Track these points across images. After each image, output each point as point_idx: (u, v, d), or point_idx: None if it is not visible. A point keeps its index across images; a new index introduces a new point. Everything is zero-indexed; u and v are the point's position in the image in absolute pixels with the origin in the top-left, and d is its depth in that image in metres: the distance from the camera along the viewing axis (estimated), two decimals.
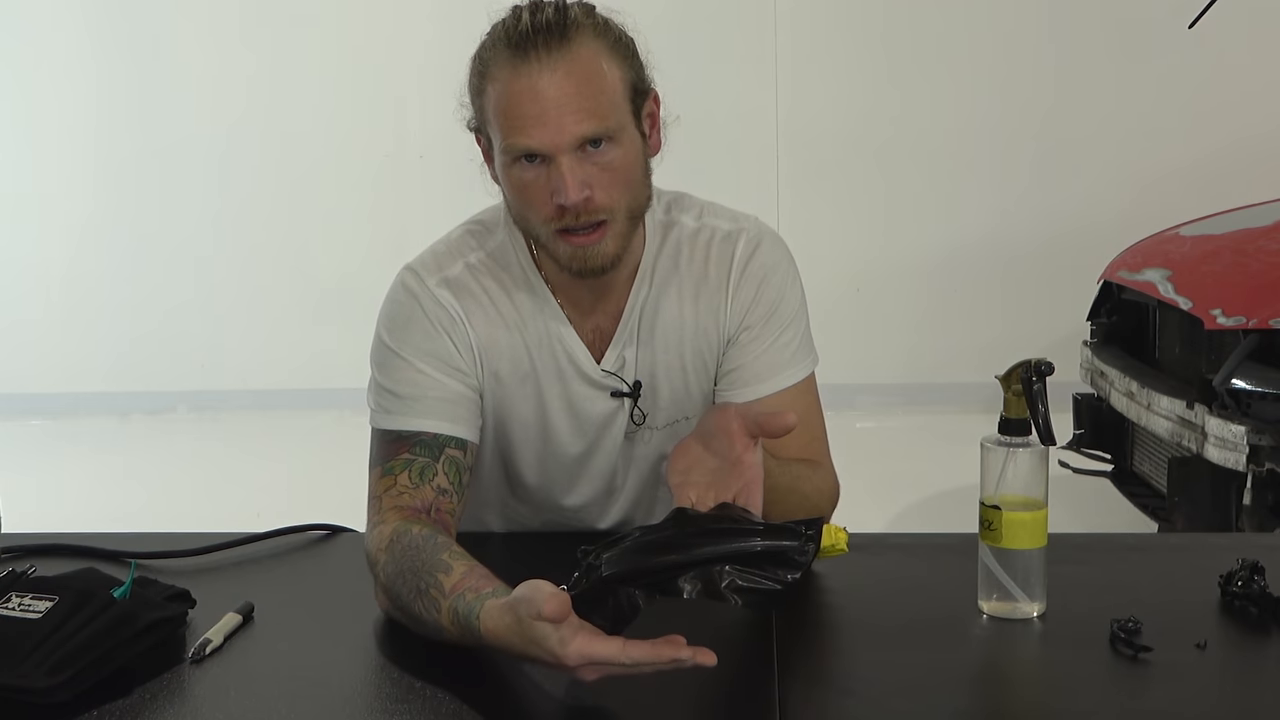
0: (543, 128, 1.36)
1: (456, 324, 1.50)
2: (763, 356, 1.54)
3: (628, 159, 1.41)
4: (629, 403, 1.55)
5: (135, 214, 5.61)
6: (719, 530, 1.16)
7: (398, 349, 1.49)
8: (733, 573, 1.14)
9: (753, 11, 5.30)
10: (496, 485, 1.61)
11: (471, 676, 1.20)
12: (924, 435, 4.97)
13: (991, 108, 5.25)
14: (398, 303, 1.52)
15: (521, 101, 1.36)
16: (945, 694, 1.17)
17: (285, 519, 1.65)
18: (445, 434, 1.45)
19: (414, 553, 1.29)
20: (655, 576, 1.14)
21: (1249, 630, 1.28)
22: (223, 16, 5.46)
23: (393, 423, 1.47)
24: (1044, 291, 5.19)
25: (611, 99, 1.39)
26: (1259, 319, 2.97)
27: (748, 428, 1.26)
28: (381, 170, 5.44)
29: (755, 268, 1.55)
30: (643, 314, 1.54)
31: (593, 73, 1.38)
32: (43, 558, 1.51)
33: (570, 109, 1.36)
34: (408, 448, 1.44)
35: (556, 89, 1.35)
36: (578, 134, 1.36)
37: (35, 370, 5.64)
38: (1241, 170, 4.97)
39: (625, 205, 1.42)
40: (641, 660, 1.08)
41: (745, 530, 1.16)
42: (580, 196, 1.37)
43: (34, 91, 5.57)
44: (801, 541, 1.15)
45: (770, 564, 1.14)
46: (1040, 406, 1.27)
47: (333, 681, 1.22)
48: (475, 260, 1.53)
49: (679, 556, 1.14)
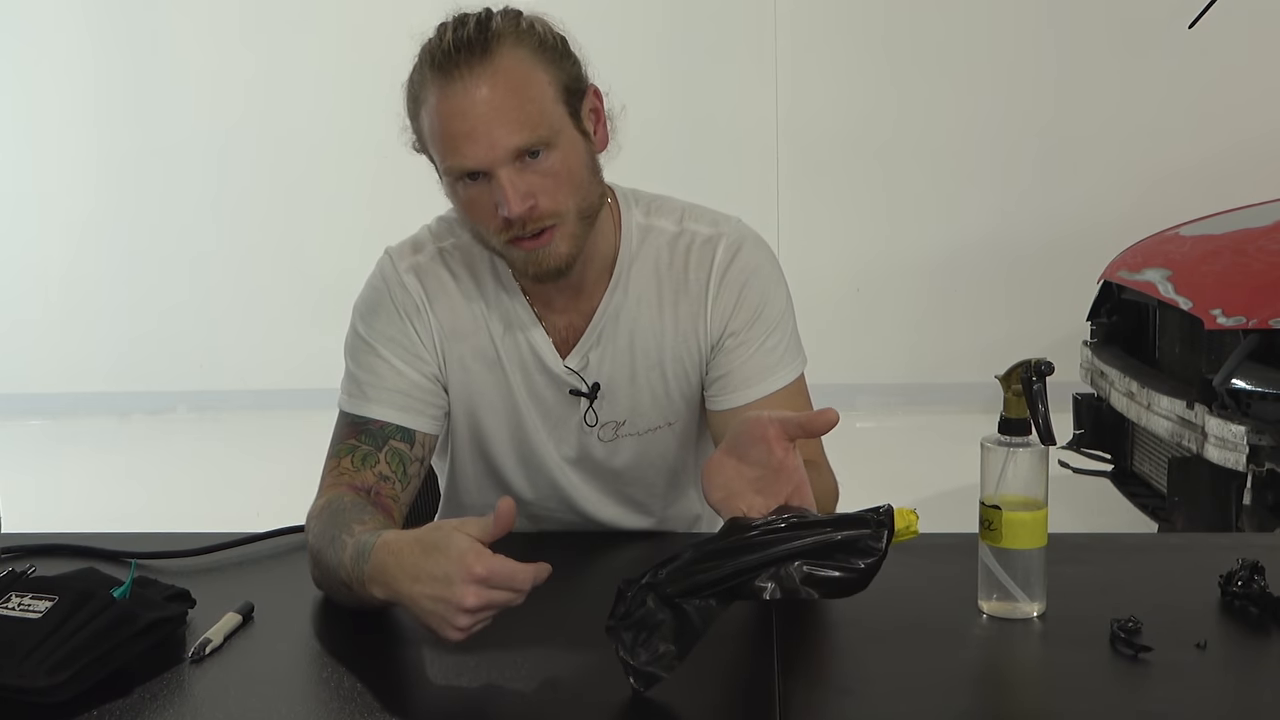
0: (474, 145, 1.36)
1: (420, 311, 1.52)
2: (750, 361, 1.54)
3: (569, 162, 1.41)
4: (584, 402, 1.56)
5: (135, 214, 5.61)
6: (790, 526, 1.14)
7: (363, 334, 1.54)
8: (809, 567, 1.11)
9: (753, 11, 5.30)
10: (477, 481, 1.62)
11: (472, 677, 1.20)
12: (924, 435, 4.97)
13: (992, 108, 5.25)
14: (371, 287, 1.56)
15: (451, 121, 1.36)
16: (945, 694, 1.17)
17: (285, 519, 1.65)
18: (392, 423, 1.49)
19: (339, 514, 1.34)
20: (731, 581, 1.12)
21: (1249, 630, 1.28)
22: (222, 16, 5.46)
23: (349, 406, 1.52)
24: (1044, 291, 5.19)
25: (541, 106, 1.38)
26: (1259, 319, 2.97)
27: (787, 431, 1.23)
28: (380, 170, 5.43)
29: (736, 273, 1.54)
30: (617, 317, 1.54)
31: (519, 83, 1.37)
32: (43, 558, 1.51)
33: (500, 122, 1.35)
34: (355, 435, 1.49)
35: (484, 104, 1.35)
36: (510, 146, 1.36)
37: (35, 370, 5.65)
38: (1243, 171, 4.97)
39: (573, 207, 1.42)
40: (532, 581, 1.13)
41: (816, 523, 1.14)
42: (524, 208, 1.37)
43: (34, 91, 5.57)
44: (875, 528, 1.13)
45: (844, 553, 1.12)
46: (1040, 406, 1.27)
47: (333, 681, 1.22)
48: (449, 245, 1.55)
49: (755, 556, 1.12)
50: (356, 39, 5.39)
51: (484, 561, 1.11)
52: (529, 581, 1.13)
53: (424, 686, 1.20)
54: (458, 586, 1.11)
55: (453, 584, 1.12)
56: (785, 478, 1.22)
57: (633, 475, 1.61)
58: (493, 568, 1.11)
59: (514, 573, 1.12)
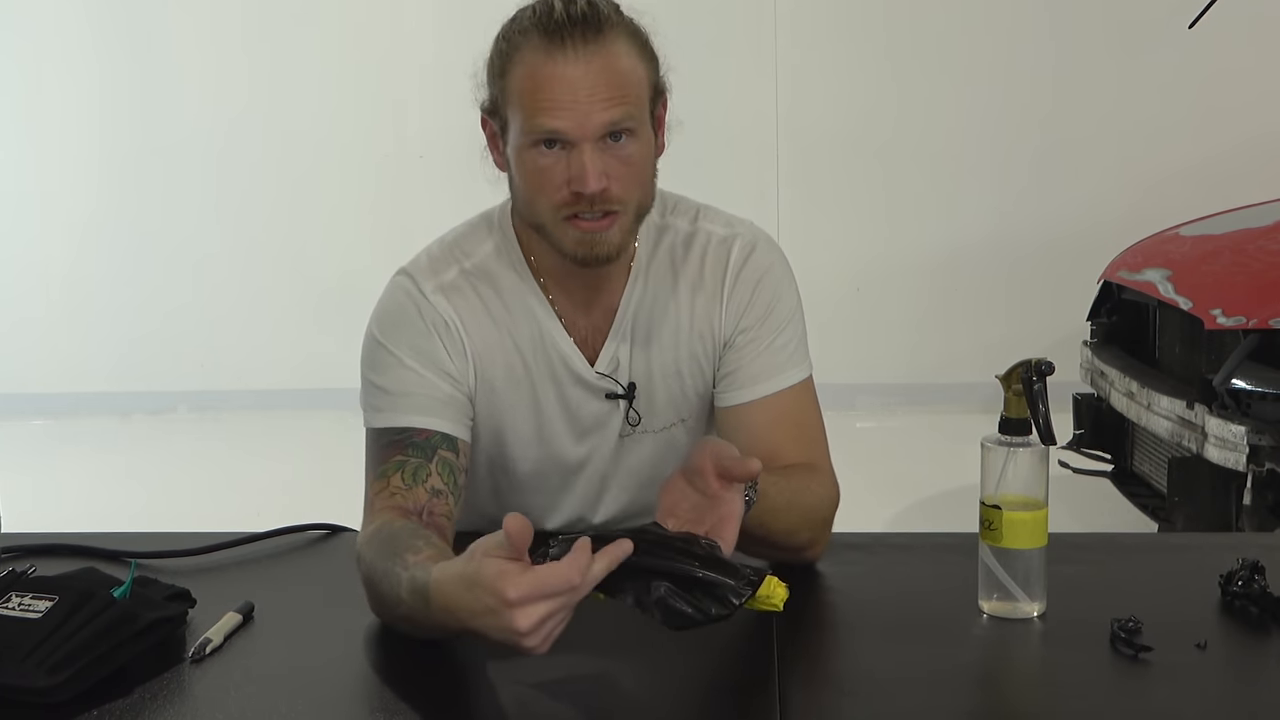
0: (571, 113, 1.37)
1: (451, 330, 1.50)
2: (760, 358, 1.54)
3: (643, 155, 1.43)
4: (624, 405, 1.56)
5: (136, 214, 5.61)
6: (668, 548, 1.17)
7: (390, 346, 1.49)
8: (668, 592, 1.14)
9: (753, 11, 5.30)
10: (486, 497, 1.61)
11: (472, 677, 1.20)
12: (924, 435, 4.97)
13: (992, 107, 5.25)
14: (392, 304, 1.52)
15: (552, 86, 1.37)
16: (945, 694, 1.17)
17: (285, 519, 1.65)
18: (438, 431, 1.44)
19: (392, 540, 1.30)
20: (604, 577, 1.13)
21: (1249, 630, 1.28)
22: (224, 16, 5.46)
23: (384, 420, 1.46)
24: (1044, 291, 5.19)
25: (638, 94, 1.41)
26: (1259, 319, 2.97)
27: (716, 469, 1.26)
28: (382, 170, 5.44)
29: (750, 271, 1.55)
30: (637, 314, 1.54)
31: (624, 68, 1.40)
32: (43, 558, 1.51)
33: (600, 98, 1.37)
34: (400, 450, 1.43)
35: (589, 79, 1.37)
36: (605, 120, 1.37)
37: (36, 370, 5.64)
38: (1243, 171, 4.97)
39: (636, 200, 1.44)
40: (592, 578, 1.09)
41: (692, 554, 1.17)
42: (599, 186, 1.38)
43: (36, 91, 5.57)
44: (739, 583, 1.15)
45: (704, 594, 1.14)
46: (1040, 406, 1.27)
47: (333, 681, 1.22)
48: (470, 265, 1.53)
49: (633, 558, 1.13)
50: (358, 39, 5.40)
51: (514, 586, 1.08)
52: (571, 580, 1.09)
53: (424, 686, 1.20)
54: (504, 615, 1.09)
55: (499, 614, 1.09)
56: (713, 510, 1.25)
57: (648, 473, 1.60)
58: (522, 591, 1.08)
59: (543, 584, 1.08)
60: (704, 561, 1.16)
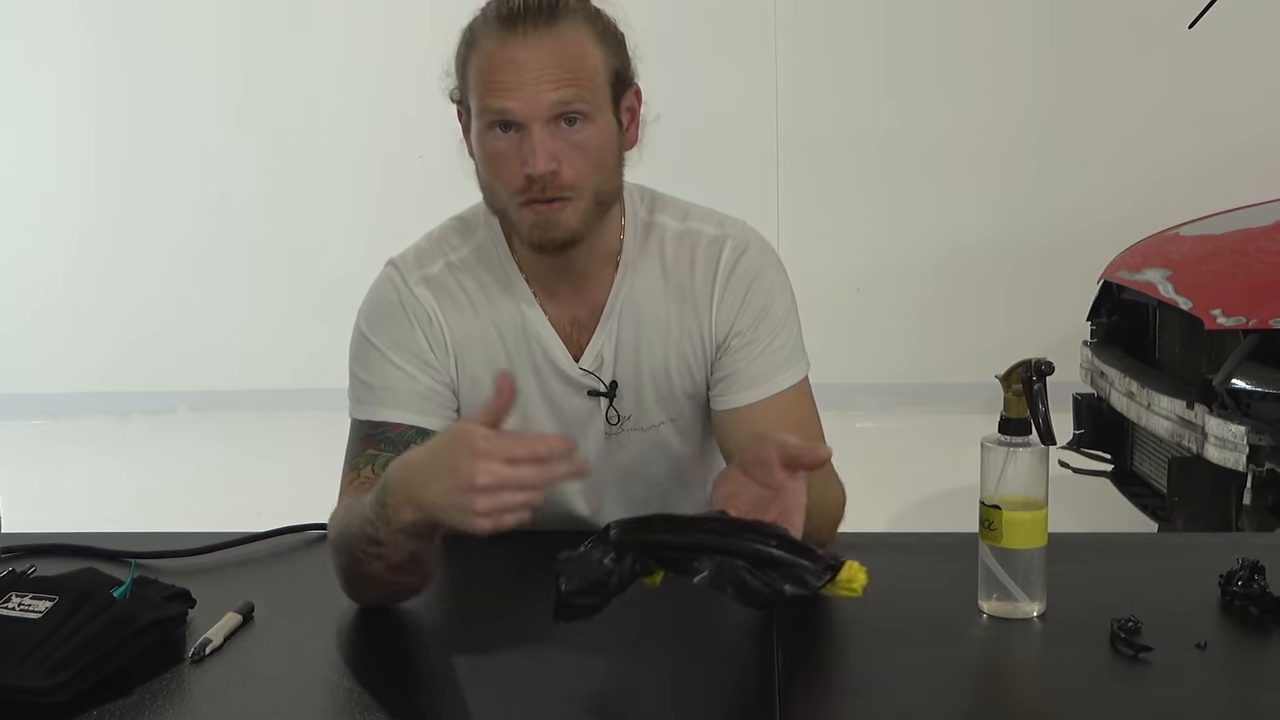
0: (520, 93, 1.38)
1: (432, 322, 1.52)
2: (756, 361, 1.54)
3: (599, 141, 1.43)
4: (604, 402, 1.56)
5: (135, 214, 5.60)
6: (744, 528, 1.15)
7: (373, 339, 1.52)
8: (743, 569, 1.13)
9: (753, 12, 5.30)
10: None
11: (473, 678, 1.20)
12: (924, 435, 4.97)
13: (992, 108, 5.25)
14: (377, 296, 1.55)
15: (503, 67, 1.39)
16: (945, 694, 1.17)
17: (285, 519, 1.65)
18: (412, 426, 1.47)
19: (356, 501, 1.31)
20: (673, 553, 1.14)
21: (1249, 630, 1.28)
22: (223, 18, 5.46)
23: (363, 413, 1.50)
24: (1044, 291, 5.19)
25: (591, 78, 1.41)
26: (1259, 319, 2.97)
27: (783, 459, 1.24)
28: (381, 170, 5.44)
29: (741, 273, 1.54)
30: (624, 311, 1.54)
31: (576, 51, 1.41)
32: (43, 558, 1.51)
33: (548, 79, 1.38)
34: (374, 444, 1.46)
35: (539, 60, 1.38)
36: (553, 100, 1.38)
37: (35, 370, 5.64)
38: (1243, 171, 4.97)
39: (592, 186, 1.43)
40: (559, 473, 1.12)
41: (769, 534, 1.15)
42: (547, 168, 1.39)
43: (35, 93, 5.57)
44: (819, 565, 1.13)
45: (780, 574, 1.13)
46: (1040, 406, 1.27)
47: (333, 681, 1.22)
48: (456, 259, 1.55)
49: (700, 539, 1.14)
50: (357, 40, 5.39)
51: (485, 438, 1.11)
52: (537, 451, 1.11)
53: (424, 686, 1.20)
54: (465, 465, 1.11)
55: (460, 469, 1.11)
56: (779, 500, 1.24)
57: (637, 471, 1.61)
58: (492, 443, 1.10)
59: (510, 445, 1.10)
60: (781, 542, 1.15)
